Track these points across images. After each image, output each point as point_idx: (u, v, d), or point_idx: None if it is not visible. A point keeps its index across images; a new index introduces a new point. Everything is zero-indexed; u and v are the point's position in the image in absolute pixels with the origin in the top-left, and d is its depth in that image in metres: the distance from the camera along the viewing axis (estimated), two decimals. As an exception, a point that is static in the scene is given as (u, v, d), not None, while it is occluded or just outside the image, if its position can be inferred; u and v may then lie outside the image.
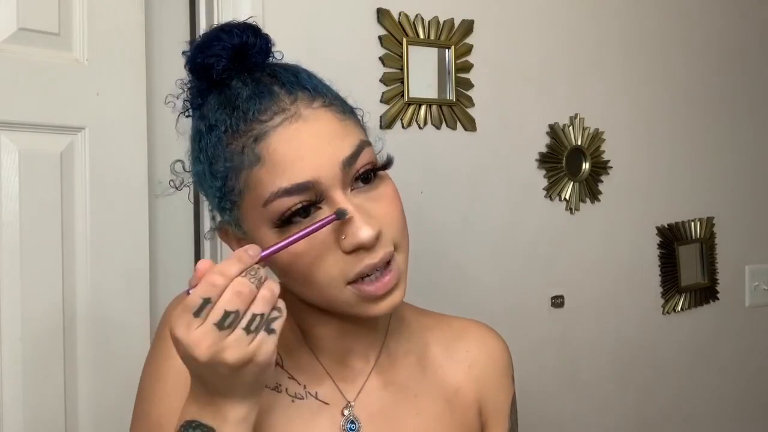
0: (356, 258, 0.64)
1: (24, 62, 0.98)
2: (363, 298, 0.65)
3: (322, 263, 0.64)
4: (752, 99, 1.87)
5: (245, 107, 0.64)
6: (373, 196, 0.66)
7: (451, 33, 1.39)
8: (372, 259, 0.64)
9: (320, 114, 0.64)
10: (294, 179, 0.62)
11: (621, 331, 1.64)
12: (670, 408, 1.72)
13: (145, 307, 1.11)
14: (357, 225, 0.63)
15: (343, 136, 0.65)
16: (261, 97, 0.64)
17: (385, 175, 0.68)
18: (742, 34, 1.85)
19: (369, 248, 0.64)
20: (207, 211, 1.21)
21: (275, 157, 0.62)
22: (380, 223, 0.65)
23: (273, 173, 0.62)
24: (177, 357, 0.60)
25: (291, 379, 0.72)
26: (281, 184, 0.62)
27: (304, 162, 0.62)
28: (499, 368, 0.82)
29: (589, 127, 1.57)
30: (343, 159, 0.63)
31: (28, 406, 0.99)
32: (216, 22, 1.17)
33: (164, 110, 1.20)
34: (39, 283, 1.00)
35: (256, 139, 0.63)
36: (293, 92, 0.65)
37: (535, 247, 1.52)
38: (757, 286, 1.86)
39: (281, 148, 0.62)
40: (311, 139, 0.63)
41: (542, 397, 1.53)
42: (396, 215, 0.67)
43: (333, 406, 0.72)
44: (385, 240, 0.65)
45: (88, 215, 1.04)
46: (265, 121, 0.63)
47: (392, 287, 0.66)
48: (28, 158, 0.99)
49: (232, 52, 0.66)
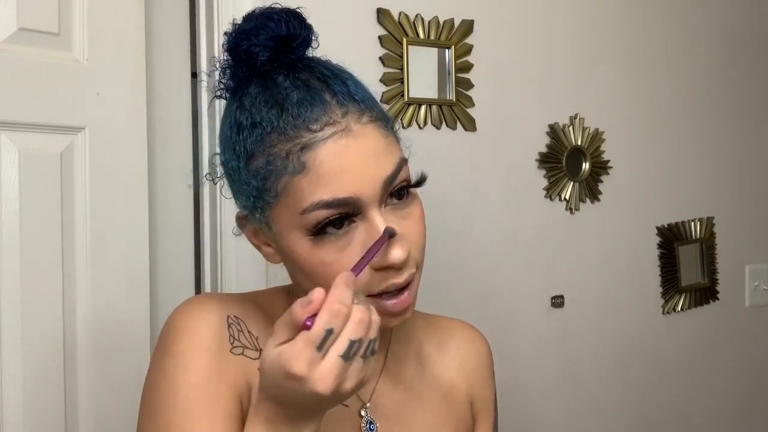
0: (383, 275, 0.65)
1: (24, 62, 0.98)
2: (380, 312, 0.65)
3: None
4: (752, 99, 1.87)
5: (295, 112, 0.63)
6: (404, 213, 0.67)
7: (451, 33, 1.38)
8: (397, 279, 0.66)
9: (368, 131, 0.65)
10: (336, 194, 0.62)
11: (621, 331, 1.64)
12: (670, 408, 1.72)
13: (145, 307, 1.11)
14: (392, 246, 0.64)
15: (387, 154, 0.65)
16: (312, 105, 0.64)
17: (416, 194, 0.69)
18: (743, 34, 1.85)
19: (398, 269, 0.65)
20: (207, 211, 1.21)
21: (321, 170, 0.62)
22: (409, 244, 0.66)
23: (316, 184, 0.62)
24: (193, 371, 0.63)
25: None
26: (323, 197, 0.62)
27: (349, 178, 0.62)
28: (485, 365, 0.85)
29: (589, 127, 1.57)
30: (385, 178, 0.64)
31: (28, 407, 0.99)
32: (216, 22, 1.17)
33: (164, 110, 1.20)
34: (39, 283, 1.00)
35: (303, 148, 0.62)
36: (344, 104, 0.65)
37: (535, 247, 1.52)
38: (757, 286, 1.86)
39: (328, 161, 0.62)
40: (358, 157, 0.63)
41: (542, 397, 1.53)
42: (420, 236, 0.68)
43: (352, 408, 0.73)
44: (411, 261, 0.67)
45: (88, 215, 1.04)
46: (315, 131, 0.63)
47: (408, 306, 0.68)
48: (28, 158, 0.99)
49: (278, 43, 0.66)
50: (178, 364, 0.66)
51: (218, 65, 0.70)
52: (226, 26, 1.15)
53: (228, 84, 0.70)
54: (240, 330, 0.70)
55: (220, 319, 0.69)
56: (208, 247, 1.21)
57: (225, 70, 0.69)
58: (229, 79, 0.69)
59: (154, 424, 0.66)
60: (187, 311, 0.70)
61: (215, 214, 1.19)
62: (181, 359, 0.67)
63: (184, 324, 0.69)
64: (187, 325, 0.68)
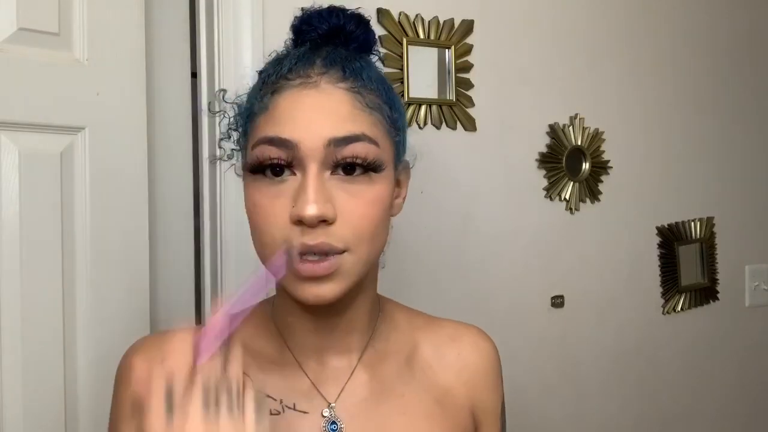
0: (298, 232, 0.64)
1: (24, 62, 0.98)
2: (295, 275, 0.65)
3: (273, 222, 0.65)
4: (752, 99, 1.87)
5: (284, 63, 0.68)
6: (351, 190, 0.66)
7: (451, 33, 1.38)
8: (309, 240, 0.64)
9: (337, 93, 0.66)
10: (279, 133, 0.65)
11: (621, 331, 1.64)
12: (670, 408, 1.72)
13: (144, 307, 1.11)
14: (306, 198, 0.63)
15: (346, 120, 0.65)
16: (300, 60, 0.68)
17: (380, 180, 0.67)
18: (744, 34, 1.85)
19: (310, 226, 0.63)
20: (207, 211, 1.21)
21: (276, 111, 0.66)
22: (336, 214, 0.64)
23: (268, 123, 0.66)
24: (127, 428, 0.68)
25: (265, 398, 0.71)
26: (267, 133, 0.65)
27: (295, 123, 0.65)
28: (491, 371, 0.83)
29: (589, 127, 1.57)
30: (331, 138, 0.64)
31: (28, 407, 0.99)
32: (216, 23, 1.17)
33: (164, 110, 1.20)
34: (39, 283, 1.00)
35: (274, 91, 0.67)
36: (328, 67, 0.67)
37: (535, 247, 1.52)
38: (757, 286, 1.86)
39: (285, 104, 0.66)
40: (312, 109, 0.65)
41: (542, 397, 1.53)
42: (364, 219, 0.66)
43: (312, 412, 0.72)
44: (335, 234, 0.64)
45: (88, 215, 1.04)
46: (288, 79, 0.67)
47: (321, 276, 0.65)
48: (28, 158, 0.99)
49: (326, 30, 0.71)
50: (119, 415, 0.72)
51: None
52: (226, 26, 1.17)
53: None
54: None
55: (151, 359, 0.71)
56: (208, 247, 1.21)
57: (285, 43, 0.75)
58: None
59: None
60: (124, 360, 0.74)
61: (215, 215, 1.19)
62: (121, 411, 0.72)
63: (119, 374, 0.74)
64: (121, 376, 0.73)
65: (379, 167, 0.67)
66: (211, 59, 1.18)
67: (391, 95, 0.72)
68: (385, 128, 0.69)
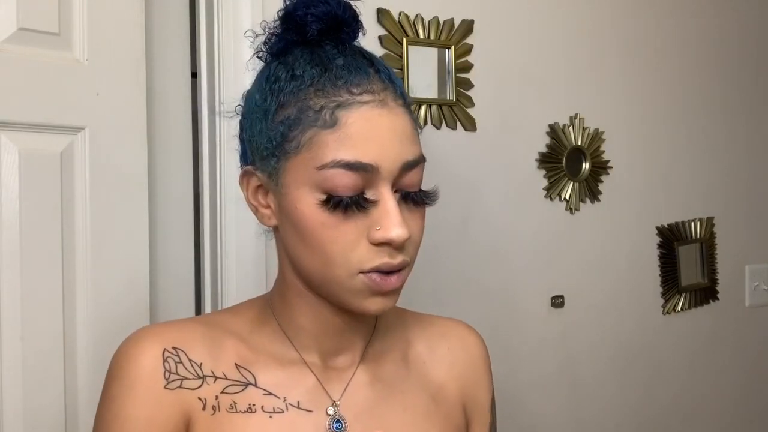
0: (380, 252, 0.65)
1: (24, 62, 0.98)
2: (368, 290, 0.66)
3: (345, 242, 0.65)
4: (752, 99, 1.87)
5: (338, 73, 0.65)
6: (410, 209, 0.69)
7: (451, 33, 1.38)
8: (393, 260, 0.66)
9: (402, 113, 0.67)
10: (359, 156, 0.63)
11: (621, 331, 1.64)
12: (670, 408, 1.72)
13: (145, 307, 1.11)
14: (394, 222, 0.64)
15: (413, 142, 0.68)
16: (357, 71, 0.66)
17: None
18: (744, 35, 1.85)
19: (395, 248, 0.66)
20: (207, 211, 1.21)
21: (351, 130, 0.64)
22: (410, 233, 0.67)
23: (341, 143, 0.63)
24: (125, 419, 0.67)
25: (268, 395, 0.71)
26: (345, 156, 0.63)
27: (375, 145, 0.64)
28: (479, 365, 0.84)
29: (589, 127, 1.57)
30: (406, 161, 0.66)
31: (28, 407, 0.99)
32: (216, 23, 1.17)
33: (164, 110, 1.20)
34: (39, 283, 1.00)
35: (338, 106, 0.64)
36: (385, 82, 0.67)
37: (535, 247, 1.52)
38: (757, 286, 1.86)
39: (360, 124, 0.64)
40: (389, 130, 0.65)
41: (542, 397, 1.53)
42: (419, 238, 0.70)
43: (316, 411, 0.72)
44: (406, 251, 0.68)
45: (88, 215, 1.04)
46: (354, 94, 0.65)
47: (394, 290, 0.68)
48: (28, 158, 0.99)
49: (331, 21, 0.68)
50: (112, 409, 0.69)
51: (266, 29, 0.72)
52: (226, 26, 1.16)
53: (273, 47, 0.71)
54: (178, 361, 0.70)
55: (154, 356, 0.69)
56: (208, 247, 1.21)
57: (272, 35, 0.71)
58: (276, 44, 0.71)
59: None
60: (124, 352, 0.71)
61: (215, 214, 1.19)
62: (115, 405, 0.69)
63: (118, 366, 0.70)
64: (120, 368, 0.70)
65: (431, 200, 0.70)
66: (211, 59, 1.18)
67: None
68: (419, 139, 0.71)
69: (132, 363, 0.69)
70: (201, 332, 0.72)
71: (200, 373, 0.70)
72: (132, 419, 0.68)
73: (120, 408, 0.68)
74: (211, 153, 1.19)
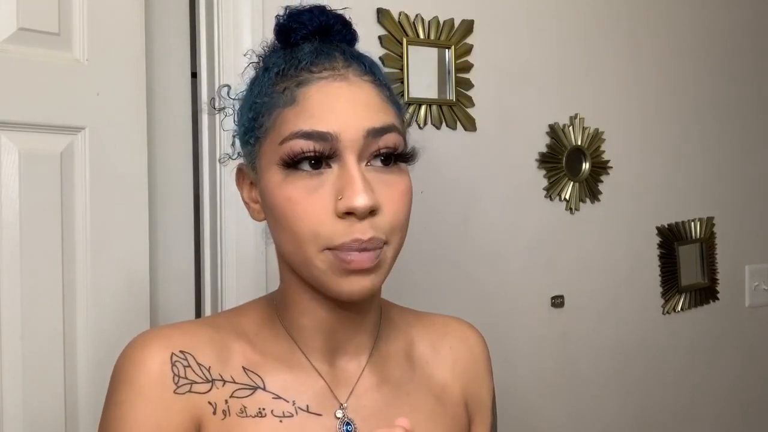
0: (347, 227, 0.63)
1: (24, 62, 0.98)
2: (335, 268, 0.64)
3: (312, 217, 0.64)
4: (753, 99, 1.87)
5: (301, 57, 0.67)
6: (386, 180, 0.66)
7: (451, 33, 1.38)
8: (361, 235, 0.63)
9: (365, 85, 0.67)
10: (316, 126, 0.64)
11: (621, 331, 1.64)
12: (670, 408, 1.72)
13: (145, 307, 1.11)
14: (355, 189, 0.63)
15: (378, 111, 0.66)
16: (319, 54, 0.67)
17: (406, 170, 0.69)
18: (744, 34, 1.85)
19: (359, 218, 0.63)
20: (207, 211, 1.21)
21: (308, 103, 0.65)
22: (381, 205, 0.65)
23: (301, 116, 0.65)
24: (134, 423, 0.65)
25: (277, 399, 0.70)
26: (303, 127, 0.64)
27: (333, 115, 0.64)
28: (481, 364, 0.84)
29: (589, 127, 1.57)
30: (369, 128, 0.65)
31: (28, 406, 0.99)
32: (216, 23, 1.17)
33: (164, 110, 1.20)
34: (39, 283, 1.00)
35: (299, 84, 0.66)
36: (350, 61, 0.67)
37: (535, 247, 1.52)
38: (757, 286, 1.86)
39: (318, 96, 0.65)
40: (348, 100, 0.65)
41: (542, 397, 1.53)
42: (400, 209, 0.67)
43: (326, 414, 0.71)
44: (379, 226, 0.65)
45: (88, 215, 1.04)
46: (314, 72, 0.66)
47: (368, 269, 0.64)
48: (28, 158, 0.99)
49: (317, 27, 0.70)
50: (119, 415, 0.67)
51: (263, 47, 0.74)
52: (226, 26, 1.16)
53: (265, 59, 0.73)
54: (186, 365, 0.68)
55: (162, 360, 0.67)
56: (208, 246, 1.21)
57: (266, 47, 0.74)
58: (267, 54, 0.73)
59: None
60: (129, 356, 0.69)
61: (215, 214, 1.19)
62: (122, 411, 0.67)
63: (125, 371, 0.68)
64: (128, 373, 0.68)
65: (409, 157, 0.69)
66: (211, 59, 1.18)
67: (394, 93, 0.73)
68: (401, 120, 0.70)
69: (139, 368, 0.67)
70: (208, 335, 0.71)
71: (209, 377, 0.69)
72: (141, 425, 0.66)
73: (128, 413, 0.67)
74: (211, 153, 1.19)
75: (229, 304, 1.16)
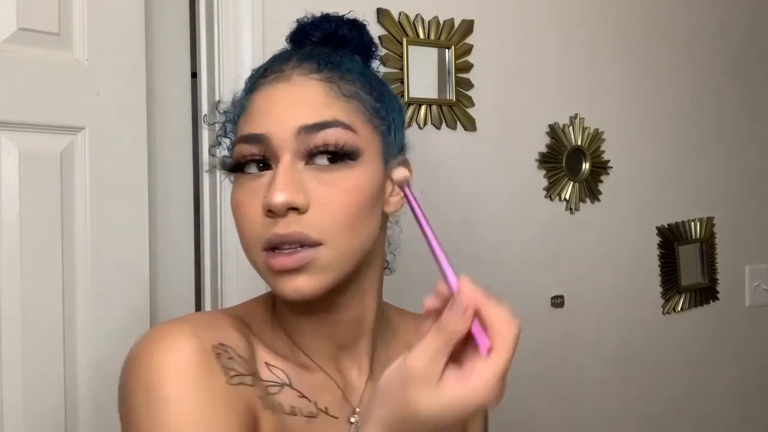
0: (270, 224, 0.62)
1: (24, 62, 0.98)
2: (268, 269, 0.64)
3: (250, 218, 0.64)
4: (753, 98, 1.87)
5: (266, 65, 0.69)
6: (327, 179, 0.64)
7: (451, 33, 1.38)
8: (279, 230, 0.62)
9: (308, 82, 0.66)
10: (252, 129, 0.65)
11: (621, 331, 1.64)
12: (670, 408, 1.72)
13: (145, 307, 1.11)
14: (274, 187, 0.62)
15: (317, 107, 0.64)
16: (275, 60, 0.68)
17: (360, 168, 0.65)
18: (744, 35, 1.85)
19: (279, 215, 0.62)
20: (207, 211, 1.21)
21: (251, 108, 0.66)
22: (309, 203, 0.62)
23: (246, 121, 0.66)
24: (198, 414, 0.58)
25: (302, 397, 0.68)
26: (242, 132, 0.66)
27: (266, 116, 0.65)
28: None
29: (589, 127, 1.57)
30: (300, 126, 0.63)
31: (28, 406, 0.99)
32: (216, 23, 1.17)
33: (164, 110, 1.20)
34: (39, 283, 1.00)
35: (249, 91, 0.68)
36: (302, 61, 0.67)
37: (535, 247, 1.52)
38: (757, 286, 1.86)
39: (258, 100, 0.66)
40: (283, 100, 0.65)
41: (542, 397, 1.53)
42: (341, 207, 0.63)
43: (341, 417, 0.70)
44: (308, 223, 0.62)
45: (88, 215, 1.04)
46: (265, 78, 0.67)
47: (295, 268, 0.62)
48: (28, 158, 0.99)
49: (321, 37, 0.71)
50: (177, 410, 0.58)
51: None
52: (226, 26, 1.16)
53: None
54: (230, 357, 0.64)
55: (203, 351, 0.62)
56: (208, 246, 1.21)
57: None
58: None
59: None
60: (162, 347, 0.61)
61: (215, 214, 1.19)
62: (179, 404, 0.58)
63: (164, 366, 0.60)
64: (171, 367, 0.60)
65: (354, 153, 0.64)
66: (211, 59, 1.18)
67: (376, 87, 0.70)
68: (366, 116, 0.67)
69: (183, 359, 0.60)
70: (236, 327, 0.67)
71: (250, 370, 0.65)
72: (206, 412, 0.59)
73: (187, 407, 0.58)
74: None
75: (228, 304, 1.16)
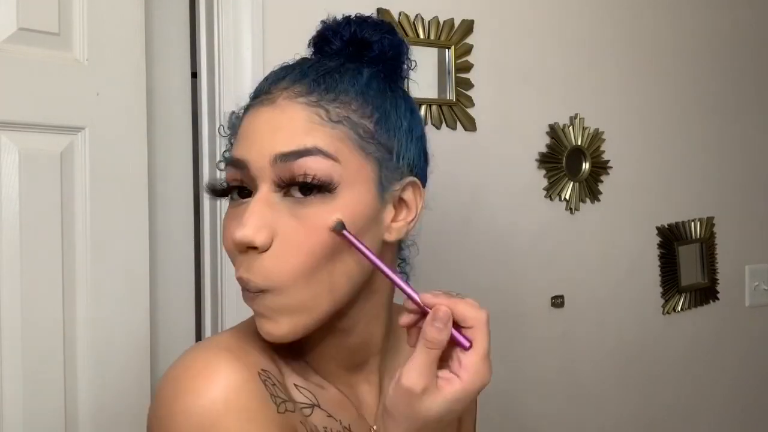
0: (240, 258, 0.61)
1: (24, 62, 0.98)
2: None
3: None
4: (753, 99, 1.87)
5: (259, 86, 0.67)
6: (300, 214, 0.59)
7: (451, 33, 1.38)
8: (241, 272, 0.60)
9: (291, 107, 0.61)
10: (235, 153, 0.63)
11: (621, 331, 1.64)
12: (670, 408, 1.72)
13: (144, 307, 1.11)
14: (239, 221, 0.59)
15: (295, 134, 0.60)
16: (270, 79, 0.66)
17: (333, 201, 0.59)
18: (744, 34, 1.85)
19: (240, 252, 0.60)
20: (207, 211, 1.21)
21: (240, 131, 0.64)
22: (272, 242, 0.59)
23: (234, 144, 0.65)
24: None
25: (329, 417, 0.66)
26: (229, 155, 0.65)
27: (248, 142, 0.62)
28: None
29: (589, 127, 1.57)
30: (275, 154, 0.59)
31: (27, 406, 0.99)
32: (216, 23, 1.17)
33: (164, 110, 1.20)
34: (39, 283, 1.00)
35: (244, 111, 0.66)
36: (294, 82, 0.63)
37: (535, 247, 1.52)
38: (757, 286, 1.86)
39: (245, 124, 0.64)
40: (264, 124, 0.61)
41: (542, 397, 1.53)
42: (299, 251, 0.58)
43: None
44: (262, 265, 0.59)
45: (88, 215, 1.04)
46: (255, 98, 0.65)
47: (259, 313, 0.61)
48: (28, 158, 0.99)
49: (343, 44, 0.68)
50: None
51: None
52: (226, 26, 1.16)
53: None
54: (274, 384, 0.61)
55: (252, 378, 0.59)
56: (209, 246, 1.21)
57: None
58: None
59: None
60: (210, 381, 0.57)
61: (215, 214, 1.19)
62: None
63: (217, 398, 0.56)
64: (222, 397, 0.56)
65: (329, 185, 0.59)
66: (211, 59, 1.18)
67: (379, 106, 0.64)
68: (356, 142, 0.61)
69: (236, 394, 0.57)
70: (261, 348, 0.64)
71: (287, 393, 0.63)
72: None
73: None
74: (211, 153, 1.19)
75: (229, 304, 1.16)
